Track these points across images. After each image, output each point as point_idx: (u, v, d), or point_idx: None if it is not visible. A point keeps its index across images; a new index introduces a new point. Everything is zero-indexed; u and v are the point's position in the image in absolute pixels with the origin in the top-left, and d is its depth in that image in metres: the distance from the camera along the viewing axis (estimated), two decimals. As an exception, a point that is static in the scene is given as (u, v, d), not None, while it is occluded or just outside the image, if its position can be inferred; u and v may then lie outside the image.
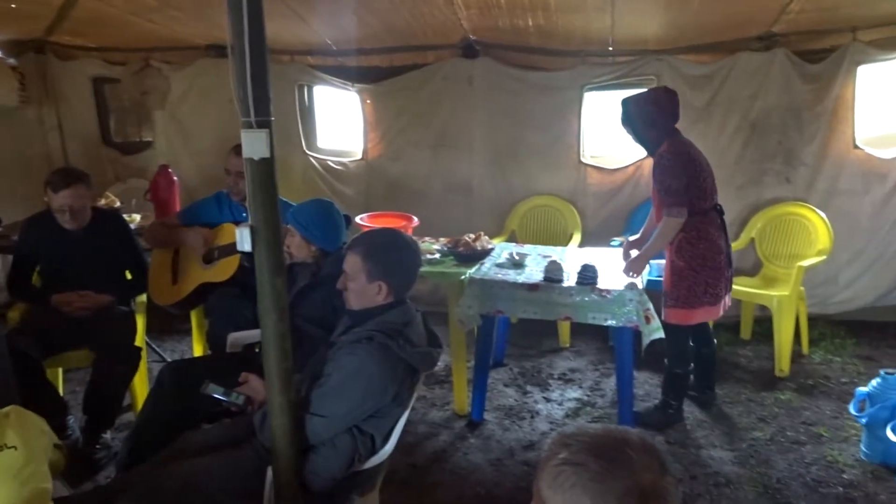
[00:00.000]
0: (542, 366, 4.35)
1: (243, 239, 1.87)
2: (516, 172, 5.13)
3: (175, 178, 4.47)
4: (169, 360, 4.25)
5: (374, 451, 2.12)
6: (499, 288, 3.42)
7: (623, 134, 3.57)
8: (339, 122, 5.64)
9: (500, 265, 3.69)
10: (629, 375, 3.44)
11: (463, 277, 3.52)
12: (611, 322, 3.30)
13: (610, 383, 4.07)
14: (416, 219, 4.27)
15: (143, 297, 3.59)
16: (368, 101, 5.27)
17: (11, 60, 5.21)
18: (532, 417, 3.69)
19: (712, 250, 3.37)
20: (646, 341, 3.26)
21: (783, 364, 4.11)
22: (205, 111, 5.50)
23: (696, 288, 3.37)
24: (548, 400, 3.89)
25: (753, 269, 4.73)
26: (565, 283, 3.36)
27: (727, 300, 3.56)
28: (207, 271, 3.44)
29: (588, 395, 3.94)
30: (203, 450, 2.19)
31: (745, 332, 4.71)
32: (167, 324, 4.72)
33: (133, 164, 5.71)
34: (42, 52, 5.48)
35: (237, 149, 3.45)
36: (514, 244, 4.24)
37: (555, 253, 3.97)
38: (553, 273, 3.42)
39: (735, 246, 4.62)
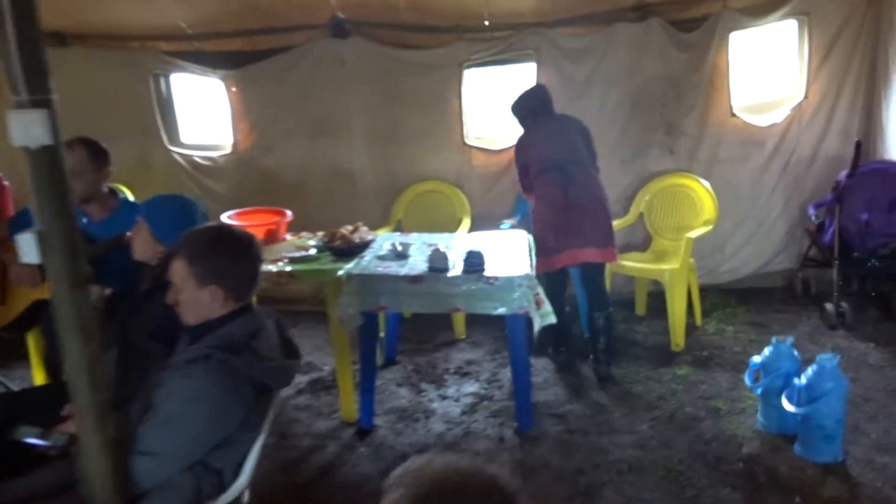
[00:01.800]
0: (438, 360, 4.11)
1: (28, 248, 1.50)
2: (398, 157, 4.85)
3: (5, 182, 3.91)
4: (16, 390, 3.71)
5: (223, 488, 1.79)
6: (379, 282, 3.14)
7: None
8: (204, 113, 5.18)
9: (381, 257, 3.41)
10: (524, 365, 3.25)
11: (340, 273, 3.22)
12: (501, 310, 3.09)
13: (508, 373, 3.86)
14: (289, 213, 3.92)
15: (-35, 323, 3.08)
16: (234, 89, 4.84)
17: None
18: (427, 418, 3.44)
19: (541, 205, 3.69)
20: (537, 326, 3.06)
21: (678, 338, 4.05)
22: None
23: (539, 240, 3.71)
24: (443, 397, 3.65)
25: (644, 244, 4.67)
26: (450, 273, 3.12)
27: (578, 252, 3.63)
28: (41, 286, 2.97)
29: (485, 388, 3.73)
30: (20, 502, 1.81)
31: (640, 308, 4.64)
32: (14, 350, 4.15)
33: (-34, 172, 5.03)
34: None
35: (70, 144, 3.00)
36: (398, 234, 3.97)
37: (441, 241, 3.72)
38: (437, 262, 3.18)
39: (625, 221, 4.57)
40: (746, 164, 4.67)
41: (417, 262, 3.30)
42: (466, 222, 4.64)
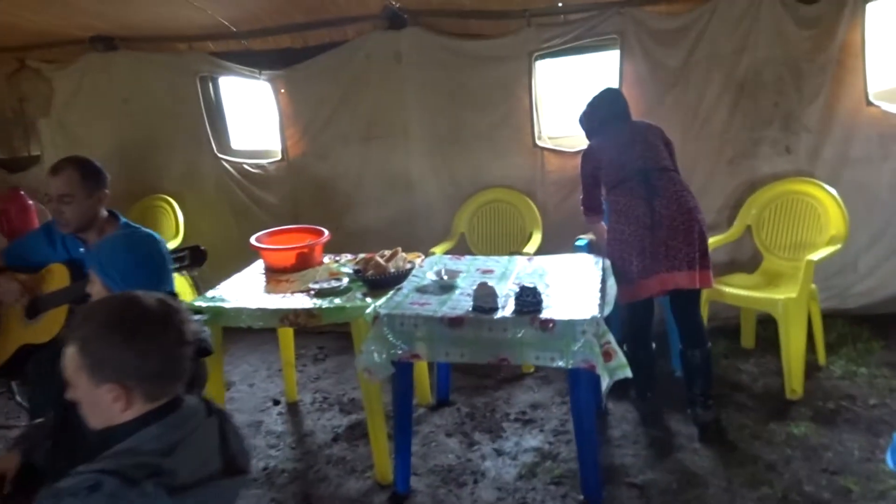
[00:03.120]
0: (498, 402, 3.53)
1: None
2: (462, 163, 4.29)
3: (31, 202, 3.66)
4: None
5: None
6: (411, 324, 2.59)
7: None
8: (255, 117, 4.80)
9: (422, 289, 2.88)
10: (590, 430, 2.60)
11: (367, 311, 2.70)
12: (560, 363, 2.47)
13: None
14: (326, 232, 3.44)
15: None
16: (283, 91, 4.43)
17: None
18: (475, 482, 2.87)
19: (620, 222, 3.06)
20: (605, 384, 2.43)
21: (795, 383, 3.27)
22: (97, 115, 4.71)
23: (617, 266, 3.07)
24: (499, 453, 3.08)
25: (752, 264, 3.87)
26: (499, 314, 2.54)
27: (668, 277, 2.97)
28: (30, 329, 2.64)
29: (550, 443, 3.11)
30: None
31: (748, 340, 3.86)
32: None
33: (21, 184, 4.88)
34: (-90, 60, 4.72)
35: (55, 167, 2.64)
36: (449, 257, 3.40)
37: (498, 266, 3.15)
38: (483, 300, 2.60)
39: (728, 236, 3.82)
40: (885, 163, 3.77)
41: (462, 298, 2.73)
42: (537, 238, 4.03)
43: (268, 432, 3.41)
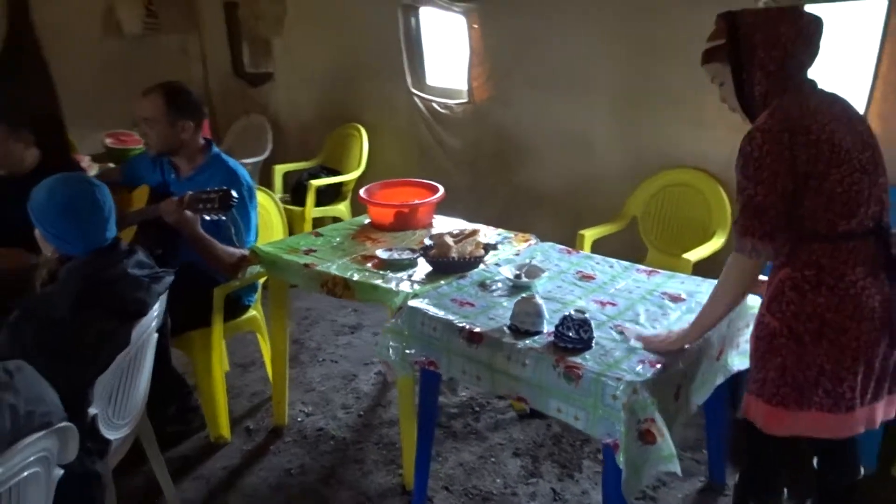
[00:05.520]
0: (602, 430, 2.89)
1: None
2: (650, 130, 3.50)
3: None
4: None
5: None
6: (430, 327, 2.15)
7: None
8: (451, 54, 4.46)
9: (486, 285, 2.38)
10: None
11: (395, 299, 2.31)
12: (581, 425, 1.86)
13: (684, 488, 2.51)
14: (441, 190, 3.03)
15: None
16: (475, 26, 4.02)
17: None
18: (503, 525, 2.39)
19: (843, 310, 1.69)
20: (626, 479, 1.74)
21: None
22: (315, 39, 4.87)
23: (798, 372, 1.73)
24: (555, 496, 2.52)
25: None
26: (527, 341, 1.97)
27: (879, 410, 1.81)
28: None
29: (624, 505, 2.45)
30: None
31: None
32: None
33: (258, 98, 5.32)
34: (186, -27, 5.32)
35: (146, 90, 2.67)
36: (559, 249, 2.74)
37: (605, 273, 2.47)
38: (520, 319, 2.05)
39: None
40: None
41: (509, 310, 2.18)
42: (717, 241, 3.13)
43: (352, 390, 3.26)
